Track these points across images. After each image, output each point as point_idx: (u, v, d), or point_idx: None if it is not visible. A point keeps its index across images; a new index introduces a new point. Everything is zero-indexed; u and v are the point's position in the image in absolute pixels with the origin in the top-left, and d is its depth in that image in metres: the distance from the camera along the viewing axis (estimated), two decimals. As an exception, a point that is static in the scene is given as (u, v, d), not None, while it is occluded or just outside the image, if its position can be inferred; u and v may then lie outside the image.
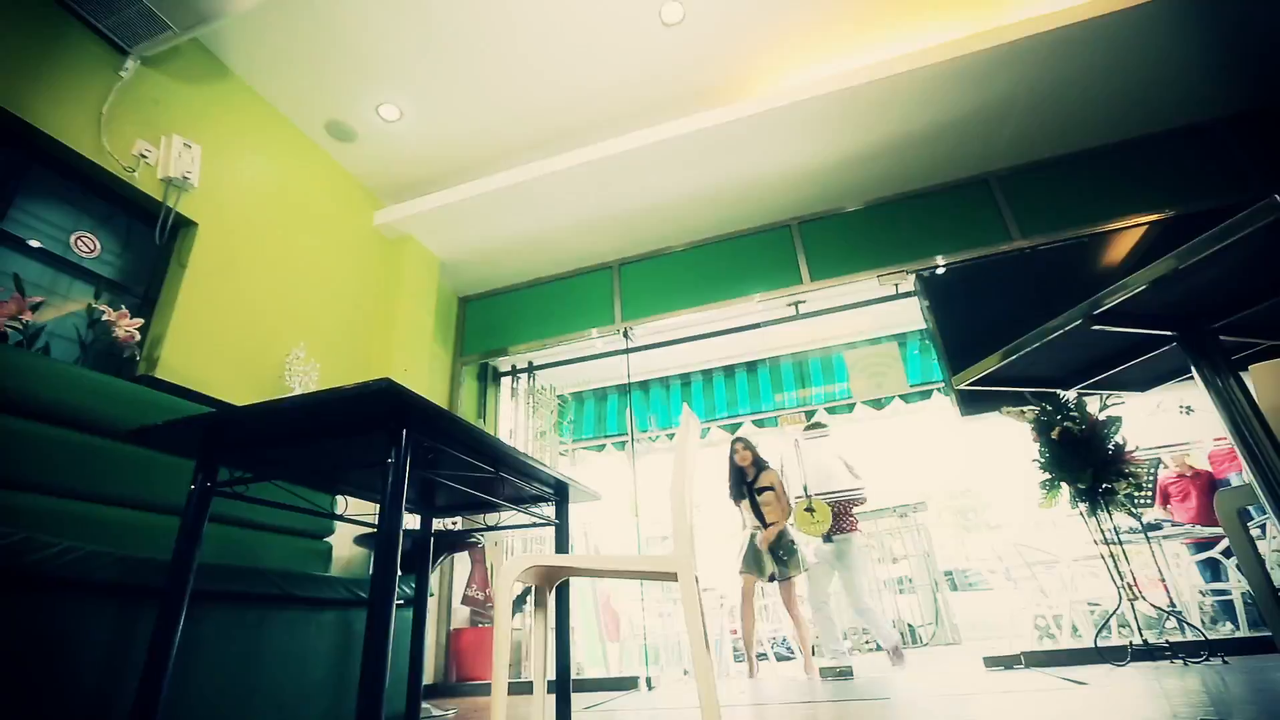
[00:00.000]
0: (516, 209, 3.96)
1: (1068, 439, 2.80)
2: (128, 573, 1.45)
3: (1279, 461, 1.09)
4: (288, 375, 2.99)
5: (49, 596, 1.33)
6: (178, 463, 2.05)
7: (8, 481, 1.65)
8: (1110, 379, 1.53)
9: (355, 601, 2.17)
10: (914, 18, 3.18)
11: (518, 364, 5.10)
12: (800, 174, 3.83)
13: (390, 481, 1.30)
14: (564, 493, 2.18)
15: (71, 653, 1.34)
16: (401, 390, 1.26)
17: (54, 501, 1.73)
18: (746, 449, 3.99)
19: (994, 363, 1.39)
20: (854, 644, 6.58)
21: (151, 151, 2.65)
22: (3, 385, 1.69)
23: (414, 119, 3.54)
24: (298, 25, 2.95)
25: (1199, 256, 1.00)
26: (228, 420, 1.43)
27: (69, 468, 1.78)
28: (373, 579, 1.28)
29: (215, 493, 1.50)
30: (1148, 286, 1.08)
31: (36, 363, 1.82)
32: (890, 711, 1.84)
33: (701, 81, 3.44)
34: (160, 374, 2.48)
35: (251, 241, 3.07)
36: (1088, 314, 1.15)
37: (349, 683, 2.04)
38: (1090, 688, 1.94)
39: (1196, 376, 1.23)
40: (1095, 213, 3.61)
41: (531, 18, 3.02)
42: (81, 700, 1.34)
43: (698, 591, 1.42)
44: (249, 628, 1.76)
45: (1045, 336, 1.23)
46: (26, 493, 1.68)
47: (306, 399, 1.30)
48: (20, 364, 1.76)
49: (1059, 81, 3.30)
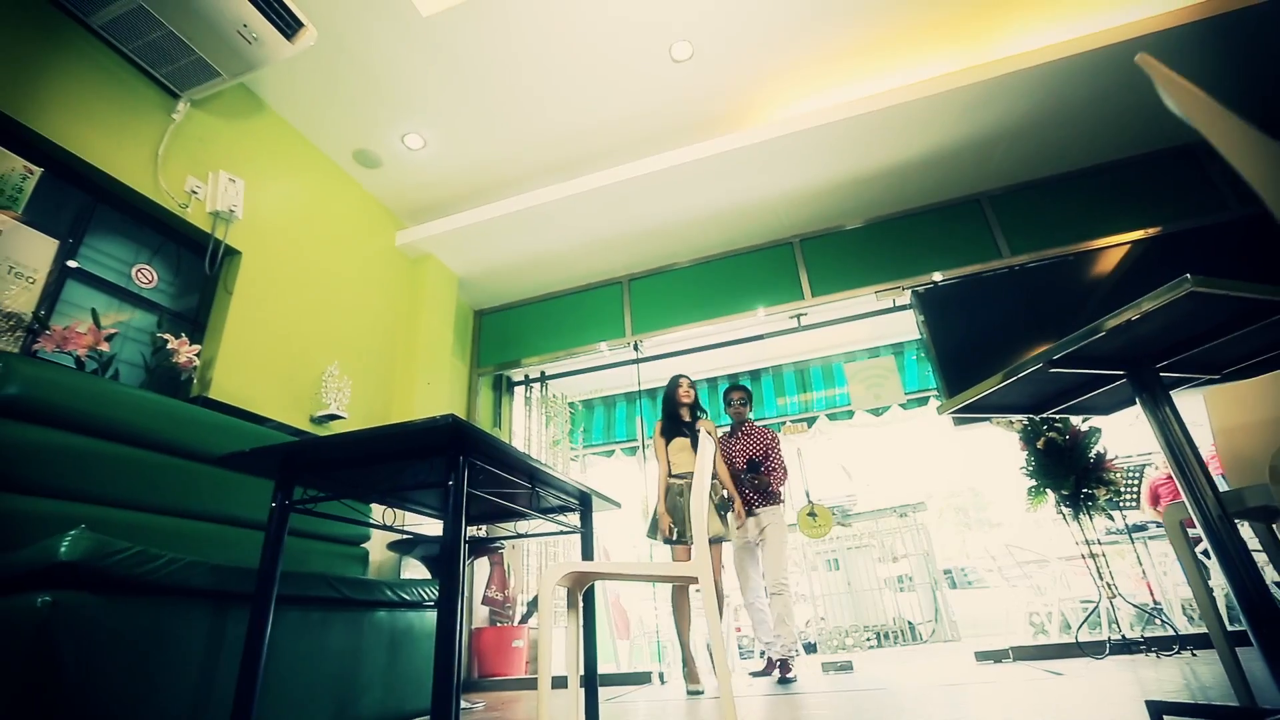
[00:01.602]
0: (531, 229, 4.17)
1: (1052, 448, 3.01)
2: (219, 579, 1.67)
3: (1203, 479, 1.30)
4: (324, 392, 3.21)
5: (158, 600, 1.54)
6: (239, 480, 2.27)
7: (103, 498, 1.87)
8: (1077, 405, 1.74)
9: (399, 603, 2.38)
10: (909, 53, 3.38)
11: (530, 373, 5.31)
12: (802, 195, 4.04)
13: (452, 501, 1.51)
14: (588, 503, 2.39)
15: (178, 649, 1.56)
16: (462, 423, 1.48)
17: (136, 515, 1.95)
18: (694, 386, 3.52)
19: (971, 396, 1.60)
20: (855, 640, 6.79)
21: (201, 187, 2.87)
22: (93, 411, 1.91)
23: (437, 147, 3.75)
24: (330, 64, 3.16)
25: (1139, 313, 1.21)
26: (303, 447, 1.64)
27: (145, 484, 2.00)
28: (440, 584, 1.49)
29: (292, 509, 1.71)
30: (1103, 335, 1.29)
31: (116, 390, 2.03)
32: (887, 698, 2.06)
33: (708, 111, 3.65)
34: (213, 394, 2.70)
35: (288, 266, 3.29)
36: (1047, 359, 1.36)
37: (399, 675, 2.25)
38: (1065, 678, 2.16)
39: (1140, 406, 1.44)
40: (1080, 231, 3.82)
41: (549, 55, 3.23)
42: (186, 690, 1.55)
43: (713, 591, 1.63)
44: (314, 626, 1.97)
45: (1013, 376, 1.44)
46: (113, 508, 1.90)
47: (381, 431, 1.51)
48: (103, 391, 1.97)
49: (1045, 110, 3.50)
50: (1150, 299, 1.19)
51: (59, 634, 1.31)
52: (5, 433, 1.73)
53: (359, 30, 3.00)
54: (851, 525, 8.87)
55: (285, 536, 1.67)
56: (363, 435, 1.54)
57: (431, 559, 3.31)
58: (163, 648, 1.52)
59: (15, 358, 1.81)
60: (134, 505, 1.97)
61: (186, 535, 2.07)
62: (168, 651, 1.54)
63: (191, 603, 1.62)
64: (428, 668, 2.42)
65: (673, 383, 3.48)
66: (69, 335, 2.21)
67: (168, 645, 1.54)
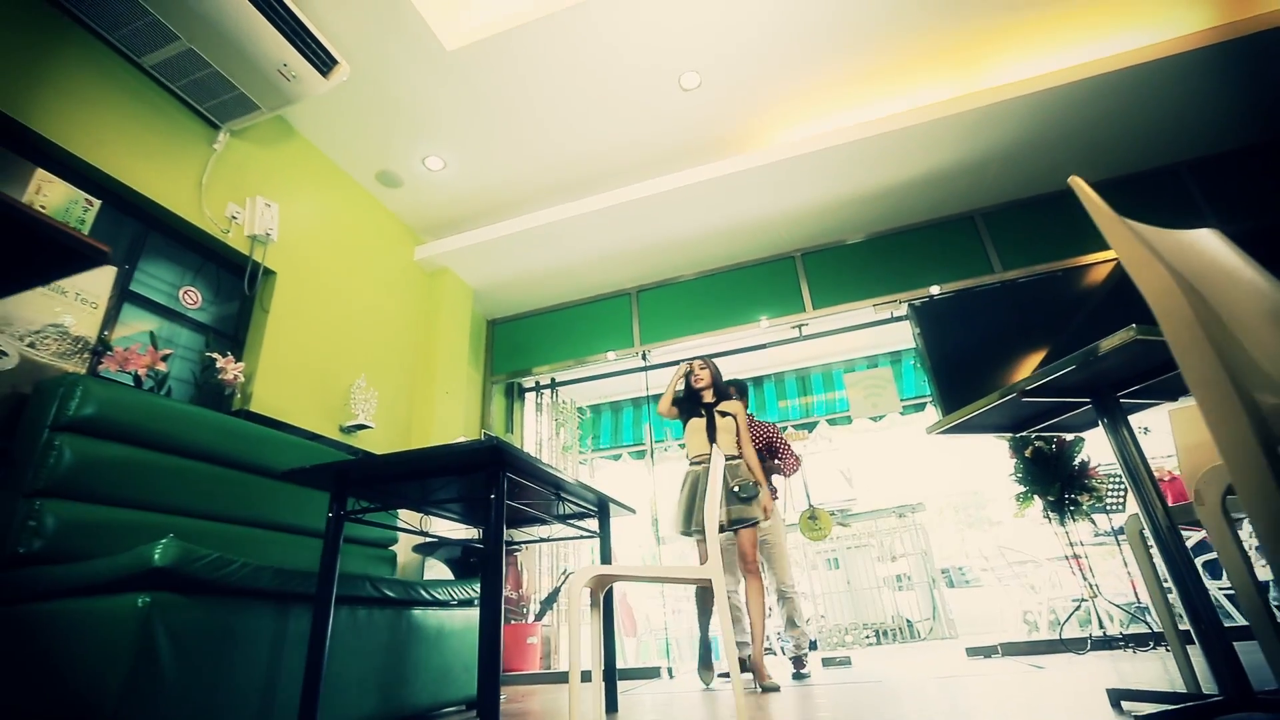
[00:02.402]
0: (544, 244, 4.36)
1: (1039, 457, 3.20)
2: (281, 580, 1.86)
3: (1154, 493, 1.49)
4: (353, 403, 3.40)
5: (232, 599, 1.73)
6: (285, 490, 2.47)
7: (168, 507, 2.07)
8: (1052, 426, 1.93)
9: (432, 602, 2.57)
10: (907, 81, 3.57)
11: (541, 380, 5.50)
12: (803, 212, 4.23)
13: (494, 512, 1.71)
14: (605, 509, 2.59)
15: (249, 642, 1.75)
16: (503, 444, 1.68)
17: (197, 522, 2.14)
18: (706, 368, 3.17)
19: (956, 419, 1.79)
20: (854, 638, 6.98)
21: (240, 212, 3.06)
22: (158, 428, 2.10)
23: (456, 168, 3.94)
24: (358, 93, 3.35)
25: (1096, 355, 1.40)
26: (356, 464, 1.84)
27: (204, 493, 2.19)
28: (482, 587, 1.69)
29: (345, 518, 1.90)
30: (1072, 369, 1.48)
31: (177, 408, 2.23)
32: (882, 689, 2.25)
33: (715, 136, 3.83)
34: (254, 408, 2.89)
35: (317, 284, 3.48)
36: (1020, 390, 1.55)
37: (433, 669, 2.45)
38: (1045, 671, 2.35)
39: (1103, 429, 1.63)
40: (1069, 248, 4.00)
41: (564, 85, 3.41)
42: (257, 678, 1.75)
43: (726, 595, 1.83)
44: (360, 623, 2.16)
45: (990, 404, 1.63)
46: (177, 515, 2.10)
47: (431, 451, 1.71)
48: (166, 409, 2.16)
49: (1035, 134, 3.69)
50: (1106, 342, 1.38)
51: (156, 629, 1.51)
52: (83, 449, 1.92)
53: (387, 63, 3.19)
54: (851, 525, 9.06)
55: (341, 542, 1.87)
56: (415, 454, 1.74)
57: (454, 560, 3.50)
58: (237, 641, 1.71)
59: (90, 380, 2.01)
60: (195, 513, 2.16)
61: (242, 540, 2.26)
62: (241, 645, 1.73)
63: (259, 602, 1.82)
64: (457, 661, 2.63)
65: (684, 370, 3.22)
66: (129, 356, 2.40)
67: (241, 639, 1.73)
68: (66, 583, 1.62)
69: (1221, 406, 0.66)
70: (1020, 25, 3.29)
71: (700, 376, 3.17)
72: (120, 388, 2.13)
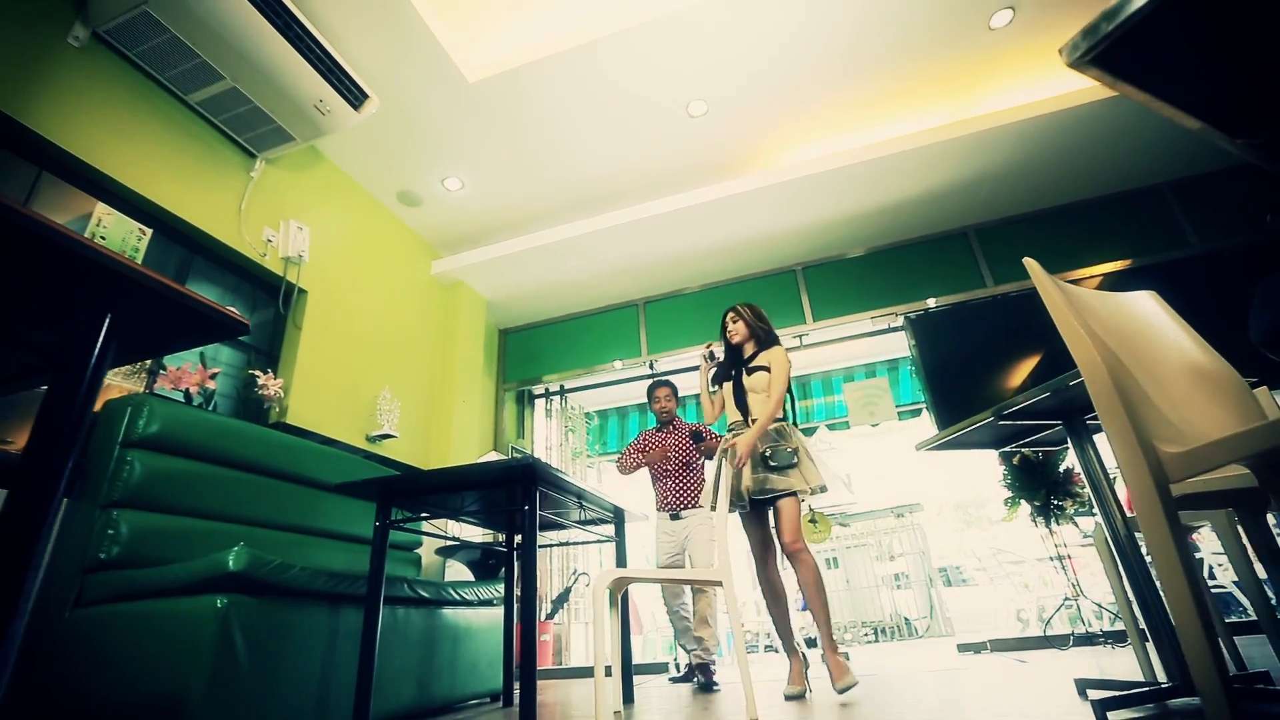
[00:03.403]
0: (555, 259, 4.56)
1: (1025, 464, 3.40)
2: (333, 583, 2.06)
3: (1114, 504, 1.69)
4: (379, 414, 3.60)
5: (291, 600, 1.93)
6: (326, 499, 2.67)
7: (224, 515, 2.27)
8: (1029, 443, 2.12)
9: (460, 602, 2.77)
10: (903, 108, 3.76)
11: (550, 387, 5.70)
12: (804, 229, 4.42)
13: (526, 523, 1.91)
14: (621, 516, 2.79)
15: (307, 639, 1.95)
16: (536, 462, 1.88)
17: (249, 530, 2.34)
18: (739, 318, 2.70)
19: (942, 438, 1.99)
20: (853, 636, 7.18)
21: (275, 236, 3.25)
22: (212, 443, 2.30)
23: (473, 189, 4.14)
24: (383, 121, 3.54)
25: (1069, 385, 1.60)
26: (400, 479, 2.04)
27: (253, 502, 2.39)
28: (523, 588, 1.89)
29: (390, 527, 2.10)
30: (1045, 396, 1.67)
31: (227, 424, 2.42)
32: (876, 682, 2.45)
33: (720, 158, 4.03)
34: (290, 420, 3.09)
35: (345, 300, 3.67)
36: (996, 414, 1.75)
37: (461, 664, 2.65)
38: (1027, 665, 2.55)
39: (1071, 447, 1.83)
40: (1057, 264, 4.20)
41: (578, 113, 3.61)
42: (315, 671, 1.94)
43: (736, 595, 2.02)
44: (399, 622, 2.36)
45: (970, 426, 1.83)
46: (228, 522, 2.30)
47: (470, 468, 1.91)
48: (218, 424, 2.36)
49: (1024, 157, 3.88)
50: (1069, 376, 1.58)
51: (233, 626, 1.71)
52: (151, 464, 2.12)
53: (412, 94, 3.38)
54: (850, 525, 9.27)
55: (387, 548, 2.07)
56: (457, 470, 1.94)
57: (474, 562, 3.71)
58: (296, 637, 1.91)
59: (154, 399, 2.20)
60: (246, 520, 2.36)
61: (288, 545, 2.46)
62: (300, 640, 1.93)
63: (315, 602, 2.02)
64: (482, 657, 2.83)
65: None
66: (182, 375, 2.60)
67: (300, 636, 1.93)
68: (148, 585, 1.82)
69: (1128, 452, 0.86)
70: (1009, 57, 3.48)
71: (735, 330, 2.68)
72: (179, 406, 2.33)
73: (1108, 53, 0.56)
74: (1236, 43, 0.55)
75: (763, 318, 2.72)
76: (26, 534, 0.72)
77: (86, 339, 0.83)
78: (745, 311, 2.71)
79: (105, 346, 0.84)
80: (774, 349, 2.59)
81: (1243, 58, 0.56)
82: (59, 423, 0.78)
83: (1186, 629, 0.78)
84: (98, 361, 0.82)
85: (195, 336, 0.98)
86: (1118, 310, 1.12)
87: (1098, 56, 0.57)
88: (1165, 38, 0.55)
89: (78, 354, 0.82)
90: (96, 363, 0.82)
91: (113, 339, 0.86)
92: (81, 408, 0.80)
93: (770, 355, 2.57)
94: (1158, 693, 1.51)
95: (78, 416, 0.79)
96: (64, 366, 0.82)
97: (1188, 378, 1.08)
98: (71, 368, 0.81)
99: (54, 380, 0.82)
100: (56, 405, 0.79)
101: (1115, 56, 0.56)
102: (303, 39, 2.72)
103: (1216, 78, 0.60)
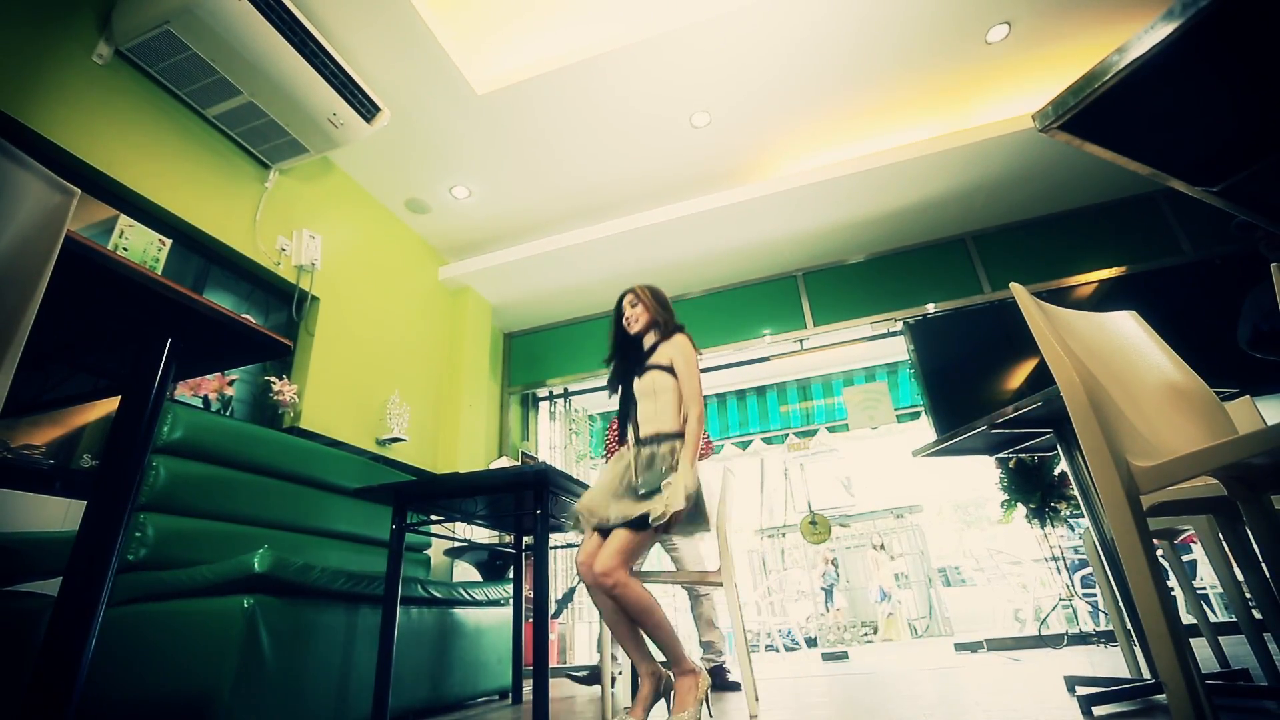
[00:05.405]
0: (559, 265, 4.64)
1: (1021, 468, 3.48)
2: (351, 583, 2.14)
3: (1101, 509, 1.77)
4: (389, 417, 3.68)
5: (312, 600, 2.01)
6: (339, 502, 2.74)
7: (243, 517, 2.34)
8: (1022, 449, 2.20)
9: (470, 601, 2.85)
10: (902, 119, 3.84)
11: (554, 390, 5.77)
12: (805, 235, 4.50)
13: (539, 527, 1.99)
14: (626, 518, 2.86)
15: (327, 638, 2.03)
16: (548, 469, 1.95)
17: (268, 532, 2.42)
18: (639, 301, 2.16)
19: (938, 445, 2.07)
20: (853, 635, 7.25)
21: (288, 245, 3.33)
22: (233, 449, 2.38)
23: (480, 196, 4.22)
24: (393, 132, 3.61)
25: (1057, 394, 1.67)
26: (415, 484, 2.12)
27: (271, 505, 2.47)
28: (535, 590, 1.97)
29: (406, 530, 2.18)
30: (1037, 406, 1.75)
31: (246, 430, 2.50)
32: (874, 679, 2.53)
33: (722, 167, 4.11)
34: (303, 424, 3.17)
35: (355, 306, 3.75)
36: (989, 423, 1.82)
37: (472, 662, 2.73)
38: (1021, 663, 2.63)
39: (1061, 453, 1.91)
40: (1054, 271, 4.28)
41: (583, 124, 3.68)
42: (335, 668, 2.02)
43: (738, 595, 2.10)
44: (412, 621, 2.44)
45: (964, 434, 1.91)
46: (247, 525, 2.37)
47: (484, 474, 1.99)
48: (237, 430, 2.44)
49: (1020, 166, 3.96)
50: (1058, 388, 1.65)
51: (259, 625, 1.78)
52: (175, 468, 2.19)
53: (421, 106, 3.46)
54: (850, 525, 9.35)
55: (403, 550, 2.14)
56: (472, 476, 2.02)
57: (481, 563, 3.79)
58: (317, 636, 1.99)
59: (177, 406, 2.28)
60: (264, 523, 2.44)
61: (305, 547, 2.54)
62: (321, 639, 2.01)
63: (334, 602, 2.10)
64: (491, 656, 2.91)
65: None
66: (201, 381, 2.68)
67: (320, 634, 2.01)
68: (176, 586, 1.90)
69: (1102, 465, 0.94)
70: (1005, 70, 3.56)
71: (633, 316, 2.15)
72: (201, 413, 2.41)
73: (1074, 120, 0.64)
74: (1184, 112, 0.62)
75: (665, 303, 2.18)
76: (107, 538, 0.80)
77: (150, 362, 0.91)
78: (645, 293, 2.16)
79: (167, 368, 0.92)
80: (676, 338, 2.05)
81: (1193, 123, 0.64)
82: (129, 437, 0.85)
83: (1153, 629, 0.86)
84: (161, 382, 0.90)
85: (243, 355, 1.06)
86: (1099, 330, 1.20)
87: (1066, 124, 0.64)
88: (1123, 109, 0.62)
89: (143, 376, 0.90)
90: (160, 383, 0.90)
91: (173, 361, 0.94)
92: (148, 424, 0.88)
93: (673, 348, 2.02)
94: (1140, 688, 1.59)
95: (145, 432, 0.87)
96: (131, 388, 0.90)
97: (1162, 394, 1.15)
98: (138, 389, 0.89)
99: (122, 399, 0.90)
100: (126, 422, 0.87)
101: (1080, 124, 0.64)
102: (317, 54, 2.80)
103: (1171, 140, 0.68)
